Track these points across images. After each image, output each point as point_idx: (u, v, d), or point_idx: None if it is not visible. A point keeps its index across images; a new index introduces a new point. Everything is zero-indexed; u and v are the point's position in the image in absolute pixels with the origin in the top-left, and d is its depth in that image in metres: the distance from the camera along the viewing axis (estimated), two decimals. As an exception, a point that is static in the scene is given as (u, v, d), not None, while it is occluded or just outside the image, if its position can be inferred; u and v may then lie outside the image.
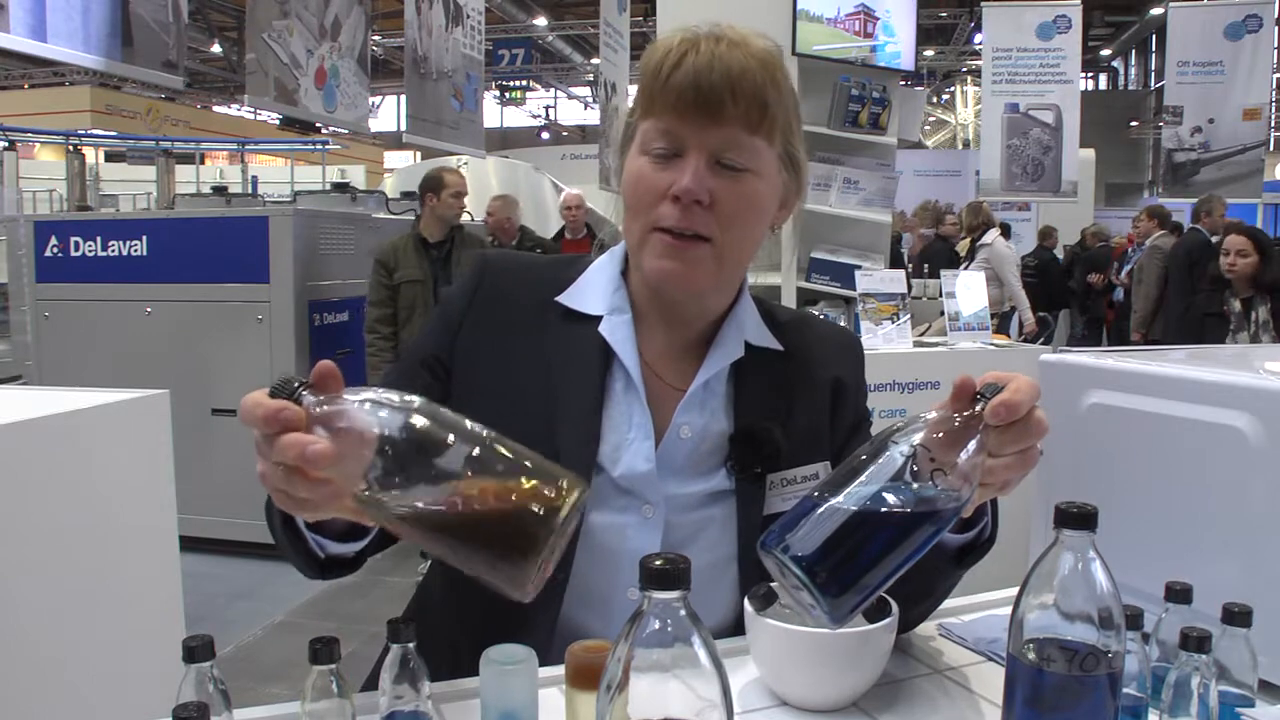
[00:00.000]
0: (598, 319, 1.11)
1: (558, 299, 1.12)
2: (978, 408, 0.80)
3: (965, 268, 6.54)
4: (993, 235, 6.94)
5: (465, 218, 4.91)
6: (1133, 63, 25.09)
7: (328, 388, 0.74)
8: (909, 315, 3.60)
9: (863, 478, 0.78)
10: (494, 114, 22.81)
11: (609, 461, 1.07)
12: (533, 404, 1.08)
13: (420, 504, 0.69)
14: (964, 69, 22.13)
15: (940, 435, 0.79)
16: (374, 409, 0.71)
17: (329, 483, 0.72)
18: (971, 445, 0.79)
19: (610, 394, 1.09)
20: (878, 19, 4.54)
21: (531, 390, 1.08)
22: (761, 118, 1.03)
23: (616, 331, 1.10)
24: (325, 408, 0.72)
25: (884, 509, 0.77)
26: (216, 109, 20.42)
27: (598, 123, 7.57)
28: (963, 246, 7.50)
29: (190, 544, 2.06)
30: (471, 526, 0.69)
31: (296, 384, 0.73)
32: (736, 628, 1.08)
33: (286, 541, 0.91)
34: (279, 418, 0.71)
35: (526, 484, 0.69)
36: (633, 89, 1.18)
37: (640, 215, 1.05)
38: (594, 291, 1.13)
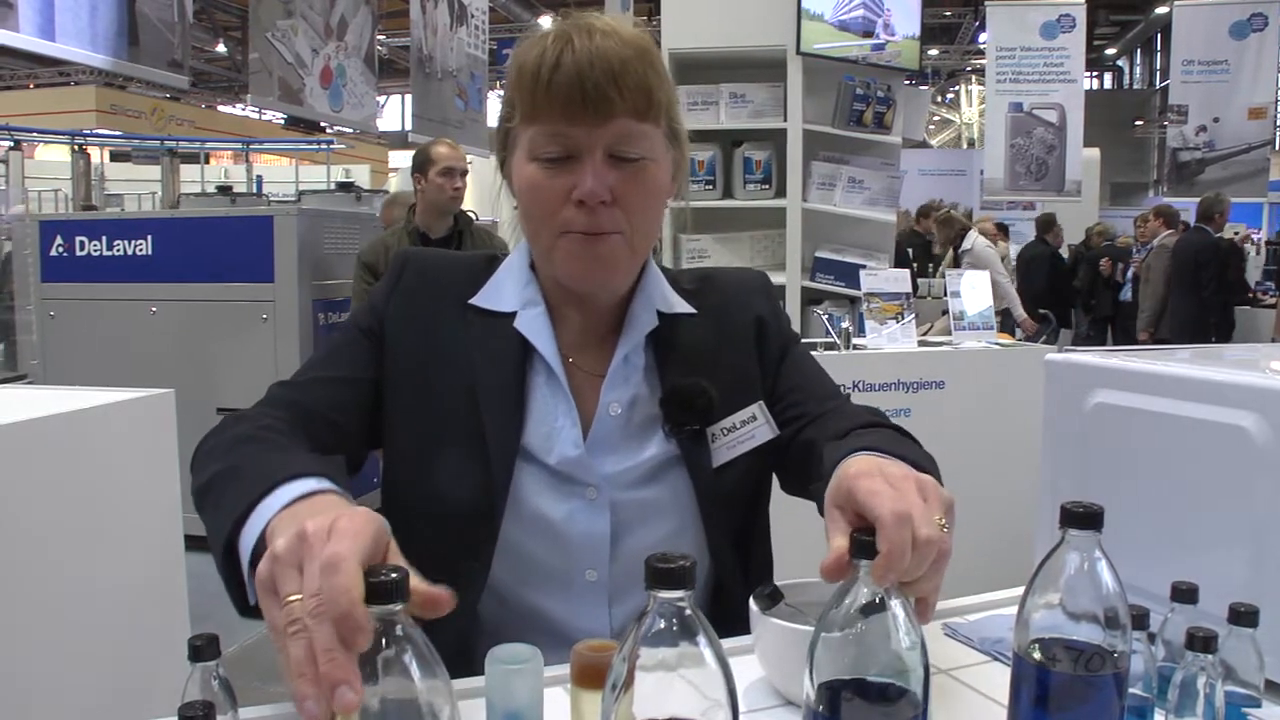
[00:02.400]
0: (513, 315, 1.12)
1: (472, 301, 1.13)
2: (862, 573, 0.70)
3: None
4: (971, 239, 6.97)
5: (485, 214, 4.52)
6: (1138, 62, 25.02)
7: (426, 610, 0.67)
8: (914, 315, 3.59)
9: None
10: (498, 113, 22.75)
11: (543, 451, 1.09)
12: (457, 402, 1.09)
13: None
14: (968, 68, 22.10)
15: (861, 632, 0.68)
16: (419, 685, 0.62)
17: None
18: (893, 612, 0.68)
19: (533, 386, 1.11)
20: (878, 18, 4.54)
21: (455, 389, 1.09)
22: (649, 105, 1.03)
23: (531, 325, 1.11)
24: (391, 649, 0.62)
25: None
26: (221, 109, 20.43)
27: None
28: (947, 260, 7.47)
29: (195, 543, 2.06)
30: None
31: (398, 590, 0.62)
32: (712, 597, 1.13)
33: (222, 565, 0.84)
34: (356, 640, 0.61)
35: None
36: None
37: (545, 223, 1.05)
38: (506, 289, 1.14)
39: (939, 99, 23.68)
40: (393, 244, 3.73)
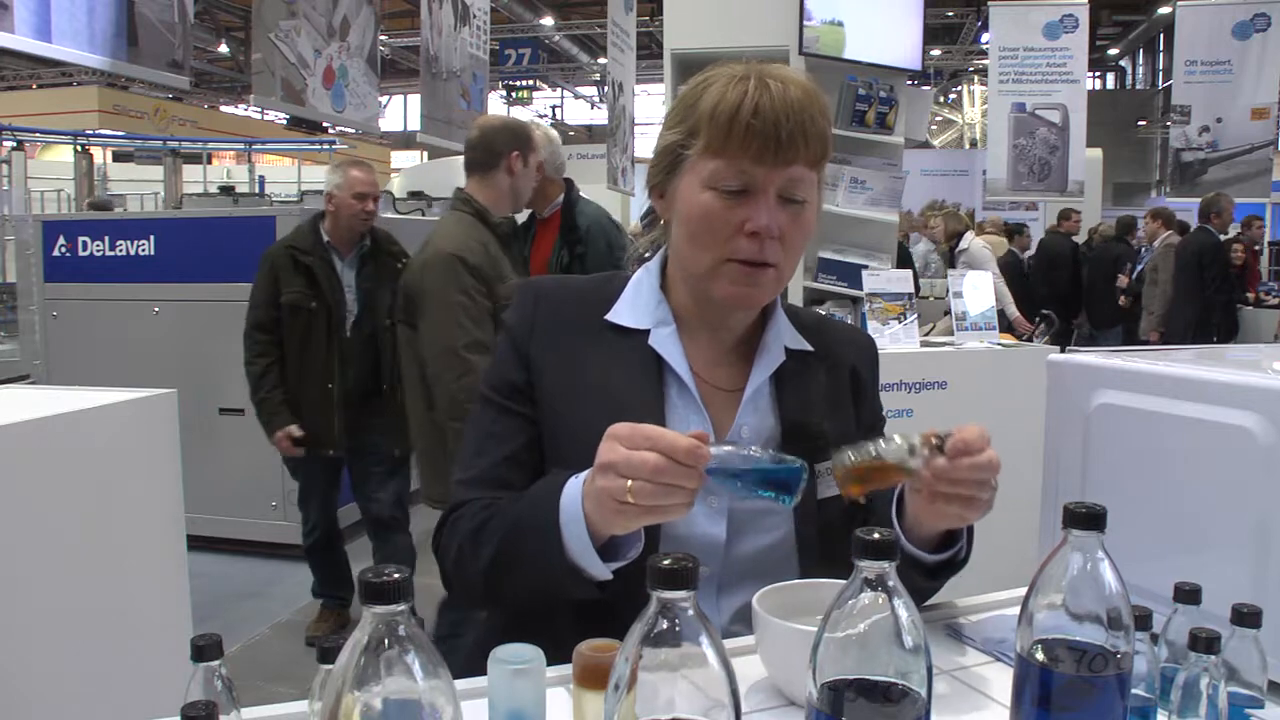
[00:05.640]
0: (645, 332, 1.21)
1: (607, 318, 1.22)
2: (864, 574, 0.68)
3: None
4: (968, 239, 7.27)
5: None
6: (1140, 62, 24.98)
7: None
8: (916, 315, 3.59)
9: None
10: (500, 114, 22.75)
11: None
12: (602, 415, 1.14)
13: None
14: (971, 68, 22.07)
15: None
16: None
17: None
18: (896, 613, 0.67)
19: (667, 400, 1.19)
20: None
21: (598, 403, 1.16)
22: (823, 156, 1.14)
23: (665, 343, 1.20)
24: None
25: None
26: (224, 109, 20.43)
27: (604, 122, 7.58)
28: (942, 250, 7.75)
29: (197, 543, 2.06)
30: None
31: (399, 590, 0.64)
32: None
33: (551, 578, 1.02)
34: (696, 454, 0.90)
35: None
36: (640, 89, 1.22)
37: (712, 247, 1.14)
38: (639, 307, 1.23)
39: (941, 99, 23.67)
40: (475, 234, 2.76)
